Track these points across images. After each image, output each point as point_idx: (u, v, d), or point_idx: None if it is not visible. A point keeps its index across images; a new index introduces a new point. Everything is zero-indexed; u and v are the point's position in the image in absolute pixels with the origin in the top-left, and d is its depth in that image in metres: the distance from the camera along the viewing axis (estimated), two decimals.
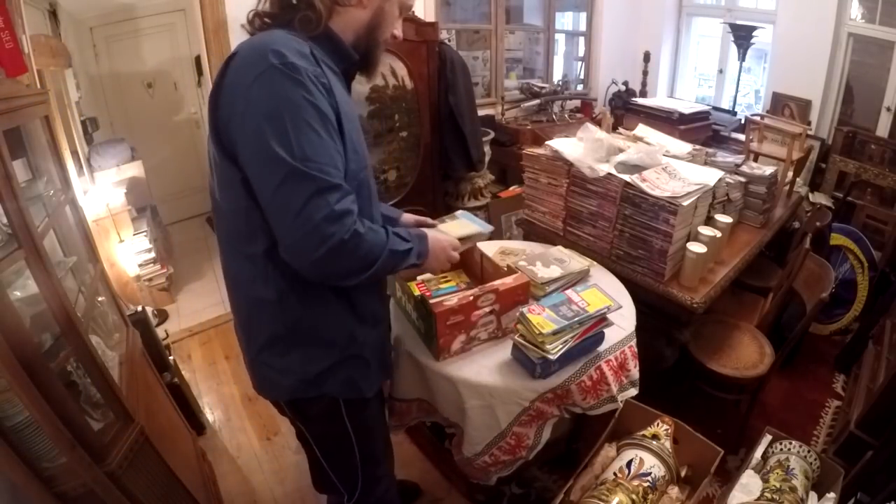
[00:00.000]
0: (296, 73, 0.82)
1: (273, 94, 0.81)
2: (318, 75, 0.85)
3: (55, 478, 1.00)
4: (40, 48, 2.08)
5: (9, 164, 0.97)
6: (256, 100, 0.82)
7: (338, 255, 0.85)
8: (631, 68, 3.93)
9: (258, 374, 1.07)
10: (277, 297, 0.95)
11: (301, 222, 0.82)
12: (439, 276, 1.54)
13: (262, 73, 0.81)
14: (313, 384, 1.03)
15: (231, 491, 1.84)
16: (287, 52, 0.82)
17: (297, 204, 0.81)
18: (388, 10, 0.98)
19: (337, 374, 1.04)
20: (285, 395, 1.07)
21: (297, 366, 1.01)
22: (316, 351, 1.02)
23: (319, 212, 0.81)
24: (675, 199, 1.54)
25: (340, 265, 0.88)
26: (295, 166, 0.80)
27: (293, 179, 0.81)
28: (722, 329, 1.93)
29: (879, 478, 1.40)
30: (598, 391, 1.28)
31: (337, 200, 0.83)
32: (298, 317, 0.98)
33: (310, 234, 0.82)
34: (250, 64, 0.83)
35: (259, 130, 0.81)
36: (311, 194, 0.81)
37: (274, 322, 0.99)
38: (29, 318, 1.07)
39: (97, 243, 1.63)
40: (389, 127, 2.78)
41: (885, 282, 2.41)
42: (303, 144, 0.81)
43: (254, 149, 0.83)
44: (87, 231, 1.50)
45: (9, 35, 1.46)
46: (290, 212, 0.82)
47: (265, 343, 1.01)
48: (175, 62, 3.80)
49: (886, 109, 2.83)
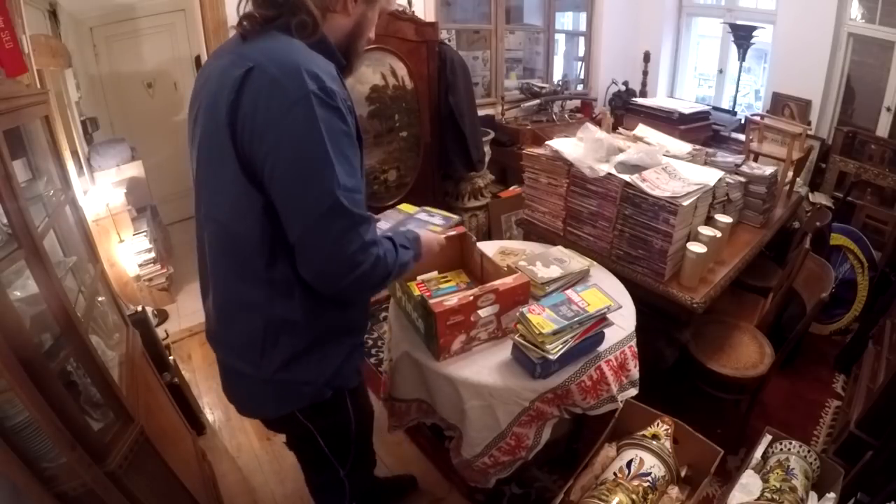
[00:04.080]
0: (333, 101, 0.82)
1: (315, 126, 0.80)
2: (345, 98, 0.86)
3: (55, 478, 1.00)
4: (40, 48, 2.08)
5: (9, 164, 0.97)
6: (294, 128, 0.80)
7: (364, 282, 0.90)
8: (631, 68, 3.93)
9: (274, 393, 1.05)
10: (304, 314, 0.96)
11: (336, 252, 0.85)
12: (439, 276, 1.54)
13: (300, 99, 0.79)
14: (330, 383, 1.06)
15: (231, 491, 1.84)
16: (323, 77, 0.82)
17: (334, 235, 0.84)
18: (371, 16, 0.99)
19: (347, 367, 1.08)
20: (306, 402, 1.07)
21: (318, 369, 1.03)
22: (332, 350, 1.04)
23: (353, 244, 0.85)
24: (675, 199, 1.54)
25: (363, 288, 0.94)
26: (336, 199, 0.82)
27: (333, 212, 0.83)
28: (722, 329, 1.93)
29: (879, 478, 1.40)
30: (598, 391, 1.28)
31: (367, 232, 0.88)
32: (323, 328, 1.01)
33: (342, 264, 0.86)
34: (284, 87, 0.80)
35: (299, 160, 0.81)
36: (348, 227, 0.84)
37: (297, 338, 0.99)
38: (29, 318, 1.07)
39: (97, 243, 1.63)
40: (389, 127, 2.78)
41: (885, 282, 2.41)
42: (342, 176, 0.83)
43: (292, 178, 0.82)
44: (87, 231, 1.50)
45: (9, 35, 1.46)
46: (327, 242, 0.84)
47: (287, 360, 0.99)
48: (175, 62, 3.79)
49: (886, 109, 2.83)
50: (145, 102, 3.78)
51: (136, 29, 3.55)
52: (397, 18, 2.57)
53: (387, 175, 2.85)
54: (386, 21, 2.48)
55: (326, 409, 1.11)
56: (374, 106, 2.67)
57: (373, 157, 2.76)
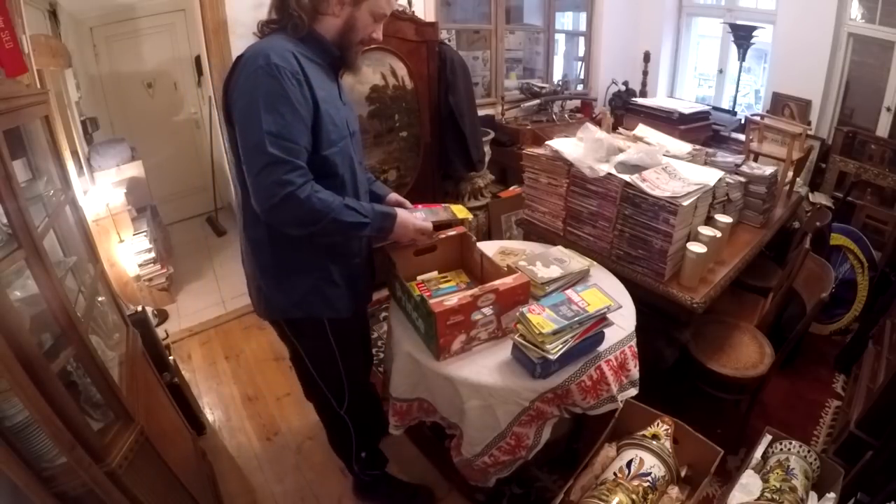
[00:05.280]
0: (273, 73, 1.08)
1: (254, 88, 1.08)
2: (295, 72, 1.10)
3: (55, 478, 1.00)
4: (40, 48, 2.08)
5: (9, 164, 0.97)
6: (244, 89, 1.10)
7: (280, 213, 1.11)
8: (631, 68, 3.93)
9: (261, 297, 1.33)
10: (267, 236, 1.24)
11: (257, 182, 1.09)
12: (439, 276, 1.54)
13: (252, 71, 1.09)
14: (299, 306, 1.30)
15: (231, 491, 1.84)
16: (273, 57, 1.09)
17: (257, 168, 1.08)
18: (360, 17, 1.20)
19: (316, 296, 1.30)
20: (279, 315, 1.35)
21: (287, 289, 1.29)
22: (298, 278, 1.28)
23: (270, 177, 1.08)
24: (675, 199, 1.54)
25: (283, 219, 1.14)
26: (260, 140, 1.06)
27: (257, 150, 1.08)
28: (722, 329, 1.93)
29: (879, 478, 1.40)
30: (598, 391, 1.28)
31: (285, 172, 1.08)
32: (288, 255, 1.26)
33: (260, 192, 1.10)
34: (247, 64, 1.11)
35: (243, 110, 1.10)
36: (267, 163, 1.07)
37: (265, 256, 1.27)
38: (29, 318, 1.07)
39: (97, 243, 1.63)
40: (389, 127, 2.78)
41: (885, 282, 2.41)
42: (268, 124, 1.07)
43: (240, 122, 1.12)
44: (87, 231, 1.49)
45: (9, 35, 1.46)
46: (252, 173, 1.09)
47: (261, 271, 1.29)
48: (175, 62, 3.80)
49: (886, 109, 2.83)
50: (145, 102, 3.78)
51: (136, 29, 3.56)
52: (397, 18, 2.57)
53: (387, 175, 2.85)
54: (386, 21, 2.47)
55: (305, 331, 1.37)
56: (374, 106, 2.67)
57: (373, 156, 2.76)
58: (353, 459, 1.64)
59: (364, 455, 1.64)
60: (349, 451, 1.62)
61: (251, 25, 1.28)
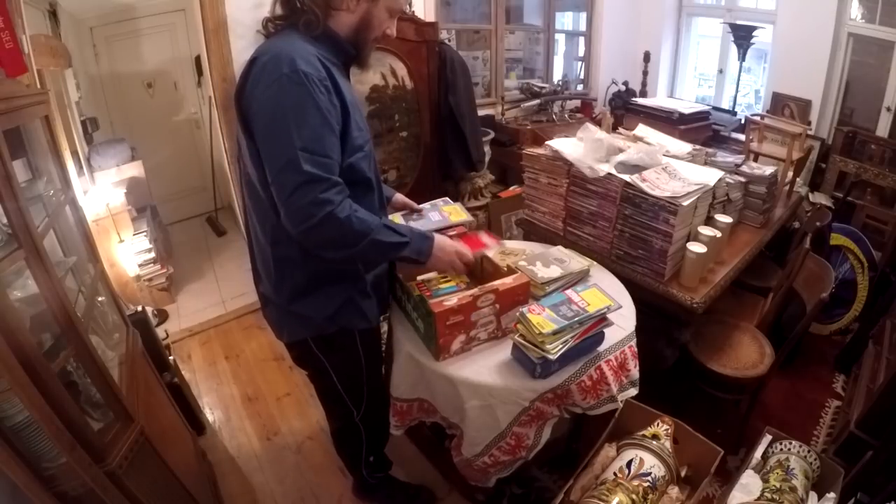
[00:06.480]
0: (301, 80, 0.99)
1: (281, 99, 0.99)
2: (322, 78, 1.03)
3: (55, 478, 1.00)
4: (40, 48, 2.08)
5: (9, 164, 0.97)
6: (267, 100, 1.01)
7: (317, 234, 1.04)
8: (631, 68, 3.93)
9: (290, 319, 1.26)
10: (299, 253, 1.15)
11: (291, 202, 1.01)
12: (439, 276, 1.54)
13: (276, 79, 1.00)
14: (332, 319, 1.24)
15: (231, 491, 1.84)
16: (298, 62, 1.00)
17: (290, 187, 1.00)
18: (375, 13, 1.14)
19: (350, 308, 1.25)
20: (311, 332, 1.27)
21: (320, 305, 1.22)
22: (332, 290, 1.22)
23: (306, 197, 1.00)
24: (675, 199, 1.54)
25: (320, 240, 1.07)
26: (292, 157, 0.98)
27: (289, 168, 0.99)
28: (722, 329, 1.93)
29: (879, 478, 1.40)
30: (598, 391, 1.28)
31: (321, 190, 1.01)
32: (321, 269, 1.19)
33: (295, 213, 1.02)
34: (269, 70, 1.01)
35: (268, 125, 1.02)
36: (301, 182, 0.99)
37: (297, 273, 1.19)
38: (29, 318, 1.07)
39: (97, 243, 1.63)
40: (389, 127, 2.78)
41: (885, 282, 2.41)
42: (301, 140, 0.99)
43: (263, 138, 1.03)
44: (87, 231, 1.50)
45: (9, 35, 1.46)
46: (285, 193, 1.01)
47: (293, 292, 1.21)
48: (175, 62, 3.80)
49: (886, 109, 2.83)
50: (145, 102, 3.78)
51: (136, 29, 3.56)
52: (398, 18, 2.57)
53: (387, 175, 2.85)
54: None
55: (336, 345, 1.30)
56: (374, 106, 2.67)
57: None
58: (363, 464, 1.62)
59: (372, 459, 1.62)
60: (358, 456, 1.60)
61: (251, 25, 1.26)
